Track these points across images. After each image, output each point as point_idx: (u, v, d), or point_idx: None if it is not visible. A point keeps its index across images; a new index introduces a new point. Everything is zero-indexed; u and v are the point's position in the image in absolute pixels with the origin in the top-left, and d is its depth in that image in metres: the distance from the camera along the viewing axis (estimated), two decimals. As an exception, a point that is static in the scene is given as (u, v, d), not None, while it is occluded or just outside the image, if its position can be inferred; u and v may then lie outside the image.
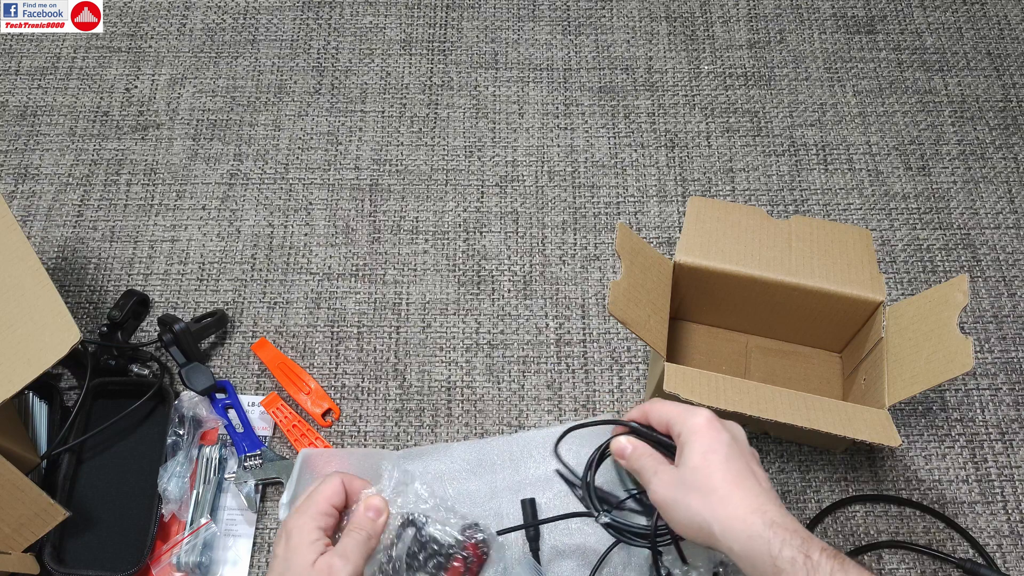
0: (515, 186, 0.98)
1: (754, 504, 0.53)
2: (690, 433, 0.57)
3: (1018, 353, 0.89)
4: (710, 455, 0.56)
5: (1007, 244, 0.95)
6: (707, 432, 0.57)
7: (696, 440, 0.57)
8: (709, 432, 0.57)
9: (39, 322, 0.69)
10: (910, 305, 0.75)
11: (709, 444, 0.56)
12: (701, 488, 0.55)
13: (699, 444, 0.56)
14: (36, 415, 0.82)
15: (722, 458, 0.55)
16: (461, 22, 1.10)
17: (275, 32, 1.09)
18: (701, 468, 0.55)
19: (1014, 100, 1.04)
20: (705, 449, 0.56)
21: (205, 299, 0.91)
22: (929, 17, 1.10)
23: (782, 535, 0.52)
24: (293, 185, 0.98)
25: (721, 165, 1.00)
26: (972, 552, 0.79)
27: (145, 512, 0.77)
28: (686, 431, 0.57)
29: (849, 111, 1.03)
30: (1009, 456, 0.83)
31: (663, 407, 0.61)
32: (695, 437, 0.57)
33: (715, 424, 0.57)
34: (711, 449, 0.56)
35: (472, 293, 0.92)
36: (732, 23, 1.10)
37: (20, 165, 1.00)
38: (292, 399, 0.86)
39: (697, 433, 0.57)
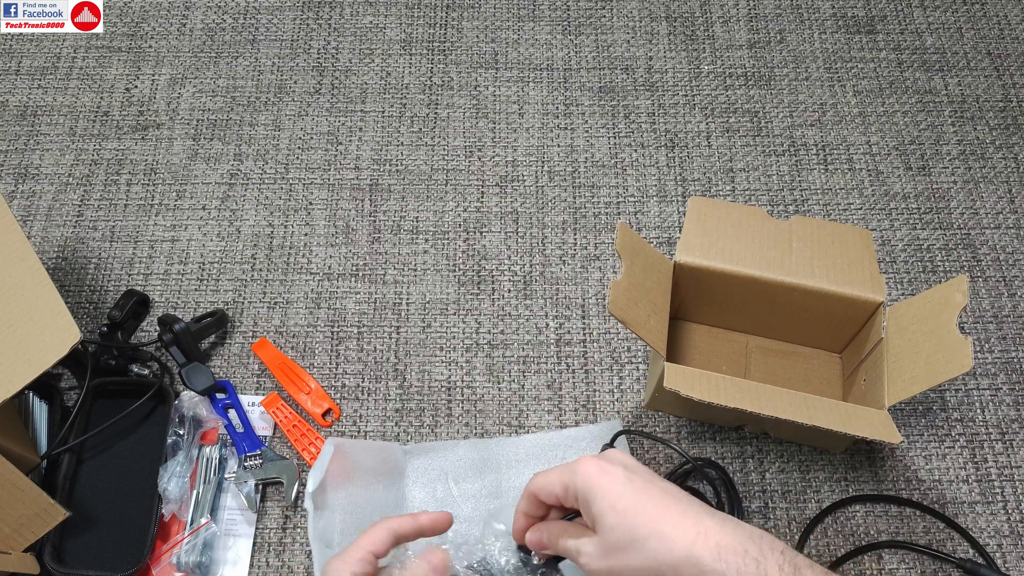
0: (515, 186, 0.98)
1: (690, 532, 0.48)
2: (586, 492, 0.51)
3: (1018, 353, 0.89)
4: (618, 503, 0.50)
5: (1007, 244, 0.95)
6: (601, 482, 0.51)
7: (596, 494, 0.51)
8: (603, 480, 0.51)
9: (39, 322, 0.69)
10: (910, 305, 0.75)
11: (612, 495, 0.50)
12: (632, 543, 0.49)
13: (602, 498, 0.51)
14: (36, 415, 0.82)
15: (632, 499, 0.50)
16: (461, 22, 1.10)
17: (275, 32, 1.09)
18: (620, 523, 0.50)
19: (1014, 100, 1.04)
20: (611, 502, 0.50)
21: (205, 299, 0.91)
22: (929, 17, 1.10)
23: (733, 563, 0.47)
24: (293, 185, 0.98)
25: (721, 165, 1.00)
26: (972, 552, 0.79)
27: (145, 512, 0.77)
28: (581, 493, 0.52)
29: (849, 111, 1.03)
30: (1009, 456, 0.83)
31: (546, 479, 0.55)
32: (592, 492, 0.51)
33: (602, 467, 0.52)
34: (616, 496, 0.50)
35: (472, 293, 0.92)
36: (732, 23, 1.10)
37: (20, 165, 1.00)
38: (292, 399, 0.86)
39: (592, 490, 0.51)
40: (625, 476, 0.51)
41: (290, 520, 0.80)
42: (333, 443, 0.74)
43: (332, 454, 0.73)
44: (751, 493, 0.81)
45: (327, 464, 0.72)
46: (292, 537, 0.79)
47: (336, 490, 0.74)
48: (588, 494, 0.51)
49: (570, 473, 0.53)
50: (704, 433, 0.84)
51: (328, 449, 0.73)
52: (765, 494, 0.81)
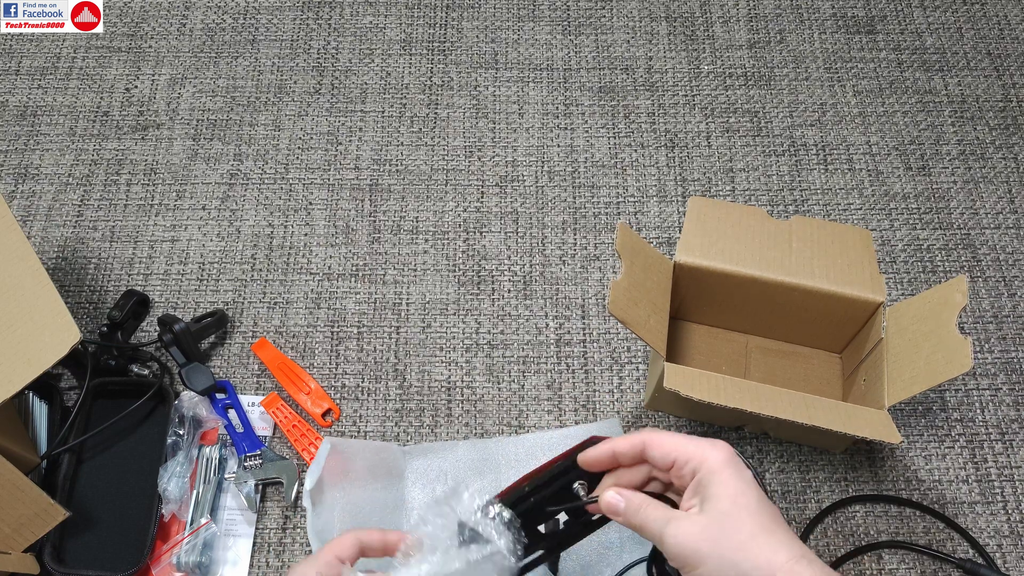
0: (515, 186, 0.98)
1: (795, 551, 0.47)
2: (712, 472, 0.50)
3: (1018, 353, 0.89)
4: (740, 498, 0.49)
5: (1007, 244, 0.95)
6: (733, 472, 0.50)
7: (721, 481, 0.49)
8: (735, 472, 0.50)
9: (39, 322, 0.69)
10: (910, 305, 0.75)
11: (737, 486, 0.49)
12: (734, 536, 0.48)
13: (726, 486, 0.49)
14: (36, 415, 0.82)
15: (754, 501, 0.49)
16: (461, 22, 1.10)
17: (275, 32, 1.09)
18: (731, 513, 0.48)
19: (1014, 100, 1.04)
20: (734, 492, 0.49)
21: (205, 299, 0.91)
22: (929, 17, 1.10)
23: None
24: (293, 185, 0.98)
25: (721, 165, 1.00)
26: (972, 552, 0.79)
27: (145, 512, 0.77)
28: (706, 470, 0.50)
29: (849, 111, 1.03)
30: (1009, 456, 0.83)
31: (668, 440, 0.52)
32: (720, 478, 0.50)
33: (738, 462, 0.51)
34: (740, 491, 0.49)
35: (472, 293, 0.92)
36: (732, 23, 1.10)
37: (20, 165, 1.00)
38: (292, 399, 0.86)
39: (721, 473, 0.50)
40: (752, 480, 0.50)
41: (290, 520, 0.80)
42: (330, 442, 0.74)
43: (328, 452, 0.73)
44: (751, 493, 0.81)
45: (323, 462, 0.73)
46: (292, 537, 0.79)
47: (334, 489, 0.74)
48: (713, 475, 0.50)
49: (708, 448, 0.51)
50: (704, 433, 0.84)
51: (325, 447, 0.73)
52: (765, 494, 0.81)
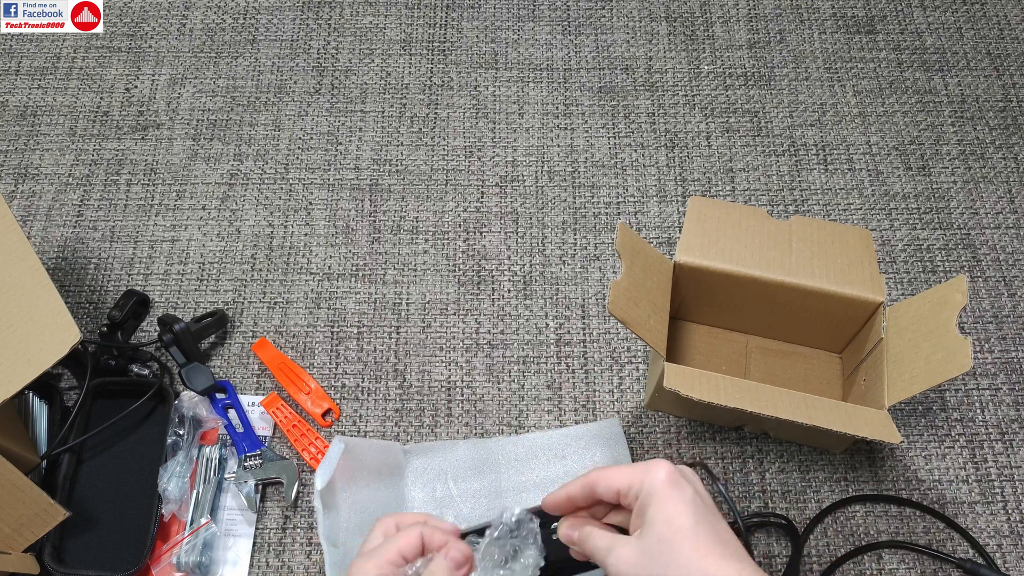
0: (515, 186, 0.98)
1: (732, 567, 0.47)
2: (649, 495, 0.50)
3: (1018, 353, 0.89)
4: (675, 521, 0.49)
5: (1007, 244, 0.95)
6: (669, 492, 0.50)
7: (657, 504, 0.49)
8: (671, 491, 0.50)
9: (39, 322, 0.69)
10: (910, 305, 0.75)
11: (673, 508, 0.49)
12: (670, 561, 0.48)
13: (662, 510, 0.49)
14: (36, 415, 0.82)
15: (690, 523, 0.49)
16: (461, 22, 1.10)
17: (275, 32, 1.09)
18: (667, 539, 0.48)
19: (1014, 100, 1.04)
20: (669, 515, 0.49)
21: (205, 299, 0.91)
22: (929, 17, 1.10)
23: None
24: (293, 185, 0.98)
25: (721, 165, 1.00)
26: (972, 552, 0.79)
27: (145, 512, 0.77)
28: (644, 493, 0.50)
29: (849, 111, 1.03)
30: (1009, 456, 0.83)
31: (610, 474, 0.52)
32: (655, 500, 0.50)
33: (676, 479, 0.50)
34: (676, 513, 0.49)
35: (472, 293, 0.92)
36: (732, 23, 1.10)
37: (20, 165, 1.00)
38: (292, 399, 0.86)
39: (657, 495, 0.50)
40: (692, 498, 0.50)
41: (290, 520, 0.80)
42: (343, 441, 0.73)
43: (342, 453, 0.72)
44: (751, 493, 0.81)
45: (336, 463, 0.72)
46: (292, 537, 0.79)
47: (344, 490, 0.74)
48: (651, 498, 0.50)
49: (642, 472, 0.51)
50: (704, 433, 0.84)
51: (337, 448, 0.73)
52: (765, 494, 0.81)
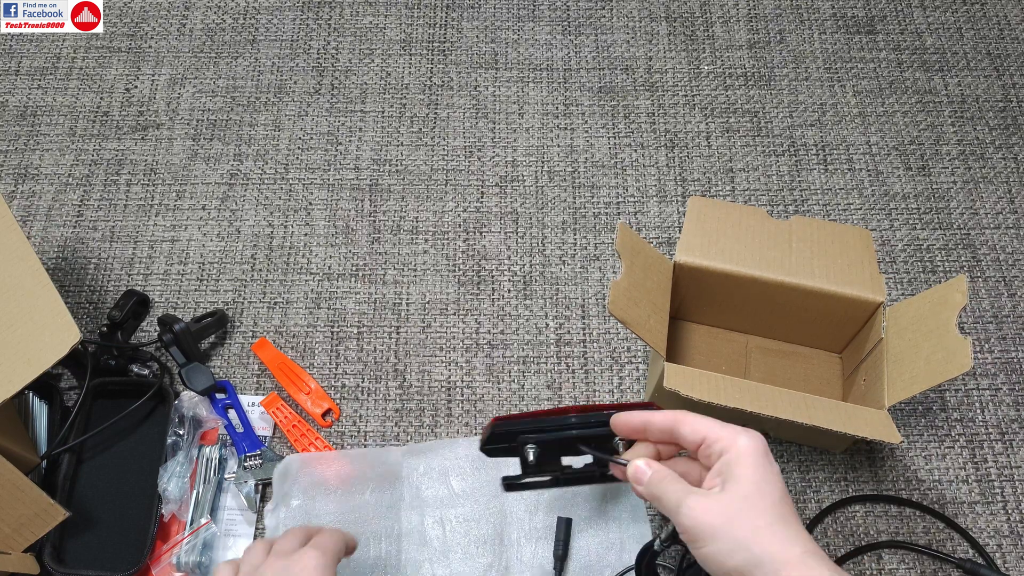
0: (515, 186, 0.98)
1: (809, 547, 0.47)
2: (740, 456, 0.50)
3: (1018, 353, 0.89)
4: (764, 485, 0.49)
5: (1007, 244, 0.95)
6: (762, 459, 0.50)
7: (748, 465, 0.50)
8: (764, 460, 0.50)
9: (39, 322, 0.69)
10: (909, 305, 0.75)
11: (763, 474, 0.49)
12: (752, 520, 0.48)
13: (752, 471, 0.49)
14: (36, 415, 0.82)
15: (778, 491, 0.49)
16: (461, 22, 1.10)
17: (275, 32, 1.09)
18: (752, 498, 0.48)
19: (1014, 100, 1.04)
20: (759, 478, 0.49)
21: (205, 299, 0.91)
22: (929, 17, 1.10)
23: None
24: (293, 185, 0.98)
25: (721, 165, 1.00)
26: (972, 552, 0.79)
27: (145, 512, 0.77)
28: (735, 453, 0.50)
29: (849, 111, 1.03)
30: (1009, 456, 0.83)
31: (701, 420, 0.53)
32: (746, 462, 0.50)
33: (769, 453, 0.51)
34: (765, 479, 0.49)
35: (472, 293, 0.92)
36: (732, 23, 1.10)
37: (20, 165, 1.00)
38: (292, 399, 0.86)
39: (749, 457, 0.50)
40: (779, 473, 0.51)
41: (290, 520, 0.80)
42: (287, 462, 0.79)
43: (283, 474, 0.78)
44: (751, 493, 0.81)
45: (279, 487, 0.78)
46: (292, 537, 0.79)
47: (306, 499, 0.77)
48: (744, 458, 0.50)
49: (736, 432, 0.51)
50: (704, 433, 0.84)
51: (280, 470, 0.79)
52: (765, 494, 0.81)
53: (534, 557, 0.75)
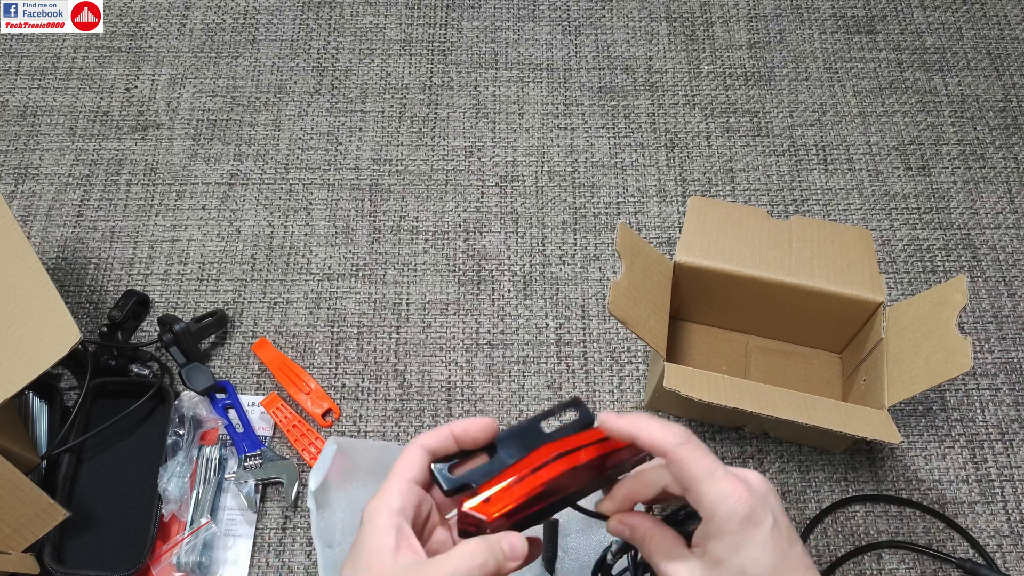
0: (515, 186, 0.98)
1: None
2: (721, 529, 0.43)
3: (1018, 353, 0.89)
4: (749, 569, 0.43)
5: (1007, 244, 0.95)
6: (745, 532, 0.43)
7: (730, 544, 0.43)
8: (748, 531, 0.43)
9: (39, 322, 0.69)
10: (910, 305, 0.75)
11: (748, 553, 0.43)
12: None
13: (735, 552, 0.43)
14: (36, 415, 0.82)
15: (766, 569, 0.43)
16: (461, 22, 1.10)
17: (275, 32, 1.09)
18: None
19: (1014, 100, 1.04)
20: (743, 560, 0.43)
21: (205, 299, 0.91)
22: (929, 17, 1.10)
23: None
24: (293, 185, 0.98)
25: (721, 165, 1.00)
26: (972, 552, 0.79)
27: (145, 512, 0.77)
28: (717, 521, 0.44)
29: (849, 111, 1.03)
30: (1009, 456, 0.83)
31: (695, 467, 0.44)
32: (727, 537, 0.43)
33: (753, 511, 0.43)
34: (751, 559, 0.43)
35: (472, 293, 0.92)
36: (732, 23, 1.10)
37: (20, 165, 1.00)
38: (292, 399, 0.86)
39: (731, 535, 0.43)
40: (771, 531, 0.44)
41: (290, 520, 0.80)
42: (335, 442, 0.74)
43: (335, 453, 0.73)
44: (751, 493, 0.81)
45: (329, 463, 0.72)
46: (292, 537, 0.79)
47: (338, 489, 0.74)
48: (722, 533, 0.43)
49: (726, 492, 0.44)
50: (704, 433, 0.84)
51: (331, 448, 0.73)
52: (765, 494, 0.81)
53: None
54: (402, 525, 0.44)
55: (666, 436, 0.45)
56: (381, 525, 0.44)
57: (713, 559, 0.44)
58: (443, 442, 0.48)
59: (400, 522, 0.44)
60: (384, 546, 0.43)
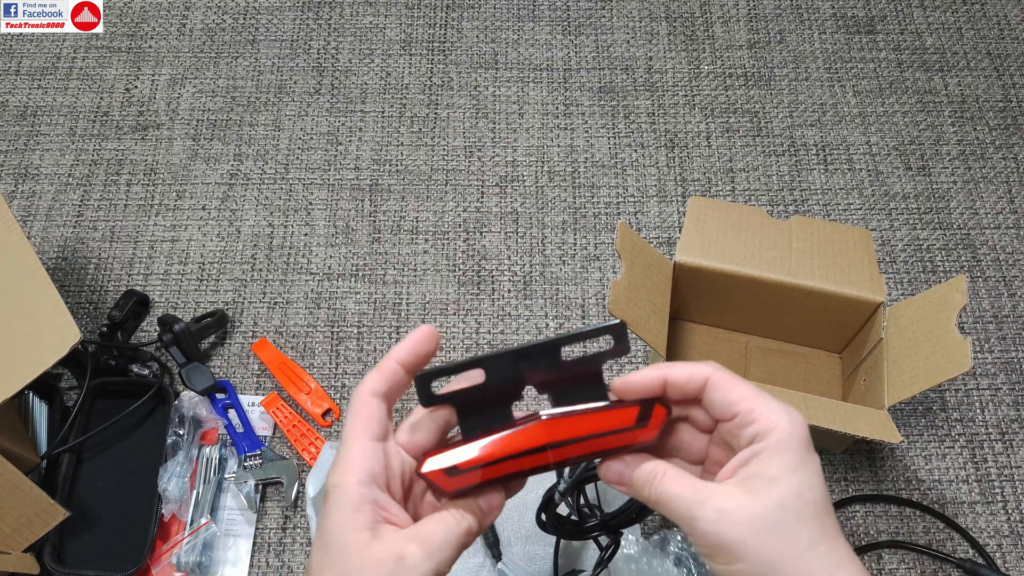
0: (515, 186, 0.98)
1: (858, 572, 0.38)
2: (779, 449, 0.38)
3: (1018, 353, 0.89)
4: (807, 492, 0.38)
5: (1007, 244, 0.95)
6: (805, 456, 0.38)
7: (788, 464, 0.38)
8: (807, 455, 0.38)
9: (39, 322, 0.69)
10: (909, 305, 0.75)
11: (806, 476, 0.38)
12: (791, 539, 0.37)
13: (792, 471, 0.38)
14: (36, 415, 0.82)
15: (822, 500, 0.38)
16: (461, 22, 1.10)
17: (275, 32, 1.09)
18: (792, 507, 0.37)
19: (1014, 100, 1.04)
20: (801, 483, 0.38)
21: (205, 299, 0.91)
22: (929, 17, 1.10)
23: None
24: (293, 185, 0.98)
25: (721, 165, 1.00)
26: (972, 552, 0.79)
27: (145, 512, 0.77)
28: (772, 441, 0.38)
29: (849, 111, 1.03)
30: (1009, 456, 0.83)
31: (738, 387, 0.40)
32: (786, 458, 0.38)
33: (811, 442, 0.39)
34: (808, 484, 0.38)
35: (472, 293, 0.92)
36: (732, 23, 1.10)
37: (20, 165, 1.00)
38: (292, 399, 0.86)
39: (790, 452, 0.38)
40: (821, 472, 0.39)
41: (290, 520, 0.80)
42: (334, 447, 0.74)
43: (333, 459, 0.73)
44: (751, 493, 0.81)
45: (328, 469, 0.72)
46: (292, 537, 0.79)
47: None
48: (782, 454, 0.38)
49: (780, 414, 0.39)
50: (704, 433, 0.84)
51: (328, 454, 0.73)
52: (765, 494, 0.81)
53: (524, 555, 0.75)
54: (376, 496, 0.38)
55: (700, 365, 0.42)
56: (349, 501, 0.38)
57: (764, 480, 0.38)
58: (393, 377, 0.42)
59: (373, 493, 0.38)
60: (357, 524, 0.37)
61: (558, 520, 0.57)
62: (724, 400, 0.40)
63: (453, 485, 0.40)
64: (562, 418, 0.42)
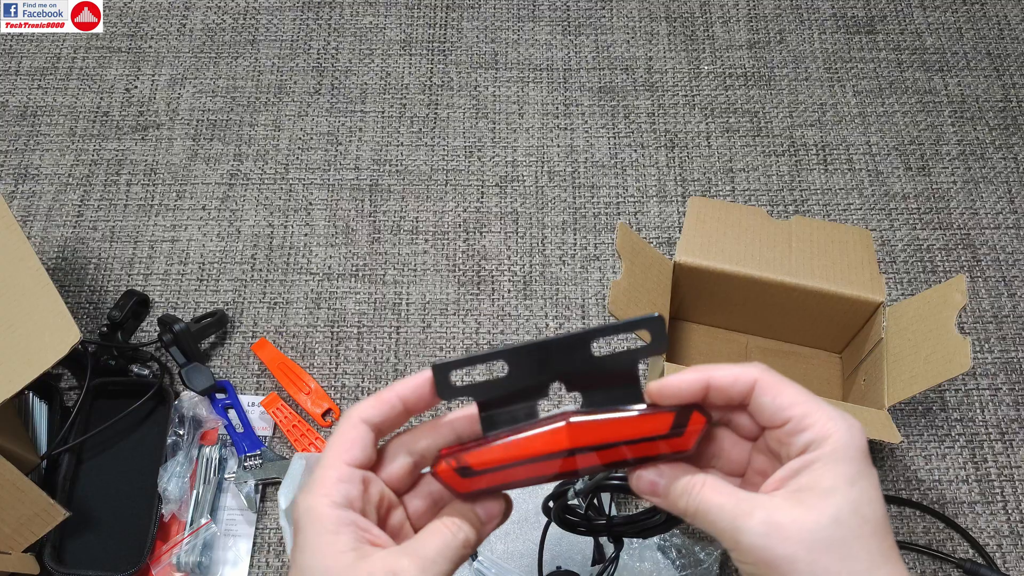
0: (515, 186, 0.98)
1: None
2: (836, 459, 0.35)
3: (1018, 353, 0.89)
4: (865, 508, 0.35)
5: (1007, 244, 0.95)
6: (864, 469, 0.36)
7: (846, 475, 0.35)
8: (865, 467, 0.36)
9: (39, 322, 0.69)
10: (909, 305, 0.75)
11: (865, 491, 0.35)
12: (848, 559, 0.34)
13: (852, 485, 0.35)
14: (36, 415, 0.82)
15: (879, 513, 0.35)
16: (461, 22, 1.10)
17: (275, 32, 1.09)
18: (849, 523, 0.34)
19: (1014, 100, 1.04)
20: (860, 497, 0.35)
21: (205, 299, 0.91)
22: (929, 17, 1.10)
23: None
24: (293, 185, 0.98)
25: (721, 165, 1.00)
26: (972, 552, 0.79)
27: (145, 512, 0.77)
28: (828, 450, 0.35)
29: (849, 111, 1.03)
30: (1009, 456, 0.83)
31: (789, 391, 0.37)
32: (842, 469, 0.35)
33: (869, 454, 0.36)
34: (868, 499, 0.35)
35: (472, 293, 0.92)
36: (732, 23, 1.10)
37: (20, 165, 1.00)
38: (292, 399, 0.86)
39: (848, 463, 0.35)
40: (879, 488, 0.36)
41: (290, 520, 0.80)
42: (303, 458, 0.74)
43: (303, 470, 0.73)
44: (751, 493, 0.81)
45: (299, 480, 0.72)
46: (292, 537, 0.79)
47: None
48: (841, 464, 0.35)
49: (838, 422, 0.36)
50: (704, 433, 0.84)
51: (298, 464, 0.73)
52: (765, 494, 0.81)
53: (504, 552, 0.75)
54: (354, 518, 0.36)
55: (746, 367, 0.38)
56: (325, 525, 0.36)
57: (818, 492, 0.35)
58: (391, 411, 0.40)
59: (350, 516, 0.36)
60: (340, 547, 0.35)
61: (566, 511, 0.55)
62: (774, 405, 0.37)
63: (466, 487, 0.38)
64: (590, 422, 0.38)
